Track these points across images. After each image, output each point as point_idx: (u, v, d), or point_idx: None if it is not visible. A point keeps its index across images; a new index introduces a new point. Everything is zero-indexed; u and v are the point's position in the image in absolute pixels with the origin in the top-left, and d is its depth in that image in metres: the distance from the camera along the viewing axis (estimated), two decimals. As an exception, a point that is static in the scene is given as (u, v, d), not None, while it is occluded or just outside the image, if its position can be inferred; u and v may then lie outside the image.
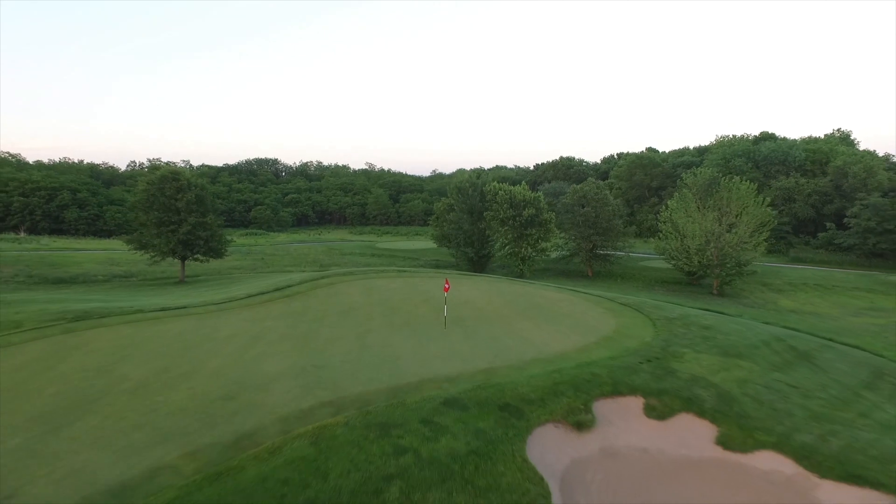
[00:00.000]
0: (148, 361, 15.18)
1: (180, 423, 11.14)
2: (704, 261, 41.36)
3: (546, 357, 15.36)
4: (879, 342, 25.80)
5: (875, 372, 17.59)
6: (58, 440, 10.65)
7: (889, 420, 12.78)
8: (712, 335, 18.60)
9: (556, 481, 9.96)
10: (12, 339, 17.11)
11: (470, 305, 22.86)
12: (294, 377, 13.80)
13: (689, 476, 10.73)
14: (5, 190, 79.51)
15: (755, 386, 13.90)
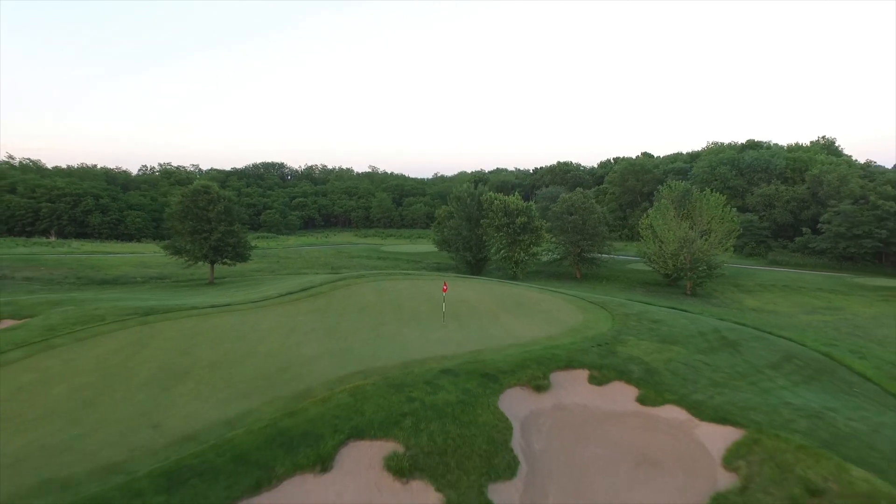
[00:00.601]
0: (214, 346, 19.59)
1: (253, 386, 15.54)
2: (678, 264, 45.58)
3: (521, 343, 19.73)
4: (812, 335, 30.05)
5: (785, 356, 21.90)
6: (170, 396, 15.08)
7: (769, 387, 17.12)
8: (658, 327, 22.93)
9: (518, 423, 14.31)
10: (101, 329, 21.56)
11: (465, 304, 27.23)
12: (328, 356, 18.18)
13: (614, 422, 15.07)
14: (32, 196, 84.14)
15: (677, 363, 18.24)
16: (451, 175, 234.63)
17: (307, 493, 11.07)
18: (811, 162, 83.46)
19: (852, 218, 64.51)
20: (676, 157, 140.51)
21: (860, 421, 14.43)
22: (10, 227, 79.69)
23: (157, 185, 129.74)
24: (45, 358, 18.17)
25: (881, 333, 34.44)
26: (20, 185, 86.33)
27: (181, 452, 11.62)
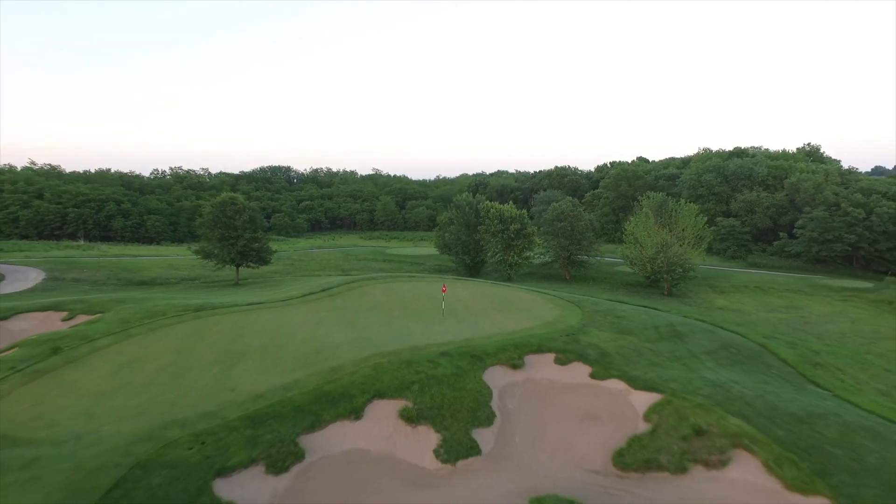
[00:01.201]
0: (259, 336, 24.27)
1: (297, 363, 20.23)
2: (656, 267, 50.10)
3: (504, 332, 24.42)
4: (760, 330, 34.59)
5: (723, 345, 26.51)
6: (235, 370, 19.79)
7: (696, 366, 21.77)
8: (619, 322, 27.60)
9: (497, 390, 18.99)
10: (164, 322, 26.27)
11: (461, 302, 31.91)
12: (351, 343, 22.86)
13: (570, 391, 19.74)
14: (59, 201, 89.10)
15: (626, 349, 22.90)
16: (453, 177, 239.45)
17: (345, 433, 15.83)
18: (791, 170, 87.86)
19: (824, 224, 68.95)
20: (669, 162, 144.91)
21: (753, 390, 19.07)
22: (39, 230, 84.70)
23: (171, 189, 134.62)
24: (129, 344, 22.90)
25: (826, 329, 38.93)
26: (46, 190, 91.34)
27: (256, 406, 16.36)
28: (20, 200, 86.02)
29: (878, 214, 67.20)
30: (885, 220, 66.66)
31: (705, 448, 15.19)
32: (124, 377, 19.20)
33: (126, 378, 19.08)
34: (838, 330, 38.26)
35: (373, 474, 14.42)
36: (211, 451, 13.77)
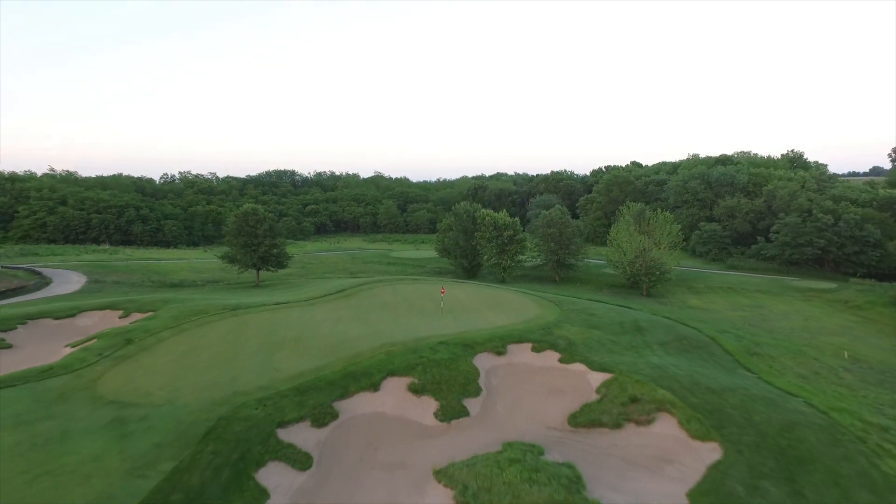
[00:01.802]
0: (290, 329, 29.15)
1: (324, 351, 25.10)
2: (635, 270, 54.92)
3: (491, 327, 29.31)
4: (718, 326, 39.36)
5: (677, 337, 31.37)
6: (276, 357, 24.65)
7: (647, 354, 26.63)
8: (590, 318, 32.48)
9: (484, 371, 23.88)
10: (208, 318, 31.17)
11: (457, 302, 36.82)
12: (367, 336, 27.72)
13: (542, 372, 24.61)
14: (82, 208, 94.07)
15: (591, 340, 27.78)
16: (454, 179, 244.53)
17: (367, 401, 20.73)
18: (770, 177, 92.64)
19: (796, 229, 73.72)
20: (661, 167, 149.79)
21: (686, 371, 23.95)
22: (65, 235, 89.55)
23: (183, 194, 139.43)
24: (185, 336, 27.82)
25: (780, 325, 43.68)
26: (69, 197, 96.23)
27: (298, 381, 21.25)
28: (46, 207, 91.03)
29: (845, 220, 71.92)
30: (851, 225, 71.38)
31: (637, 411, 20.09)
32: (188, 361, 24.13)
33: (190, 362, 24.01)
34: (790, 326, 43.06)
35: (388, 429, 19.33)
36: (271, 410, 18.68)
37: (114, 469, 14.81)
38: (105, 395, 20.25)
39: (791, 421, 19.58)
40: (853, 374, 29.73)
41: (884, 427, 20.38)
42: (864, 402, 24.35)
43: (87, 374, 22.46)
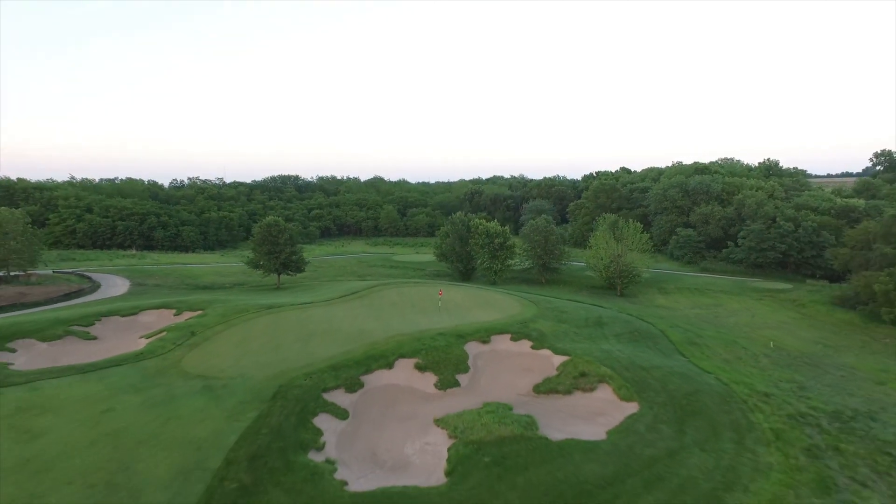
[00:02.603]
0: (318, 324, 35.90)
1: (348, 340, 31.89)
2: (611, 273, 61.72)
3: (479, 322, 36.14)
4: (672, 321, 46.15)
5: (631, 330, 38.23)
6: (310, 345, 31.44)
7: (601, 342, 33.48)
8: (560, 315, 39.33)
9: (472, 356, 30.73)
10: (249, 315, 37.85)
11: (453, 302, 43.61)
12: (380, 328, 34.50)
13: (518, 357, 31.45)
14: (107, 215, 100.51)
15: (558, 332, 34.63)
16: (452, 181, 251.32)
17: (384, 375, 27.54)
18: (741, 186, 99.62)
19: (761, 235, 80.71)
20: (647, 173, 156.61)
21: (628, 355, 30.79)
22: (93, 241, 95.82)
23: (195, 200, 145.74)
24: (234, 330, 34.51)
25: (728, 321, 50.42)
26: (94, 205, 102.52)
27: (331, 361, 28.00)
28: (74, 214, 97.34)
29: (804, 227, 78.93)
30: (809, 231, 78.37)
31: (584, 382, 26.93)
32: (243, 348, 30.88)
33: (245, 348, 30.76)
34: (736, 321, 49.89)
35: (401, 394, 26.13)
36: (315, 381, 25.45)
37: (216, 416, 21.58)
38: (190, 371, 26.99)
39: (696, 389, 26.49)
40: (769, 360, 36.55)
41: (767, 394, 27.36)
42: (765, 378, 31.20)
43: (171, 356, 29.20)
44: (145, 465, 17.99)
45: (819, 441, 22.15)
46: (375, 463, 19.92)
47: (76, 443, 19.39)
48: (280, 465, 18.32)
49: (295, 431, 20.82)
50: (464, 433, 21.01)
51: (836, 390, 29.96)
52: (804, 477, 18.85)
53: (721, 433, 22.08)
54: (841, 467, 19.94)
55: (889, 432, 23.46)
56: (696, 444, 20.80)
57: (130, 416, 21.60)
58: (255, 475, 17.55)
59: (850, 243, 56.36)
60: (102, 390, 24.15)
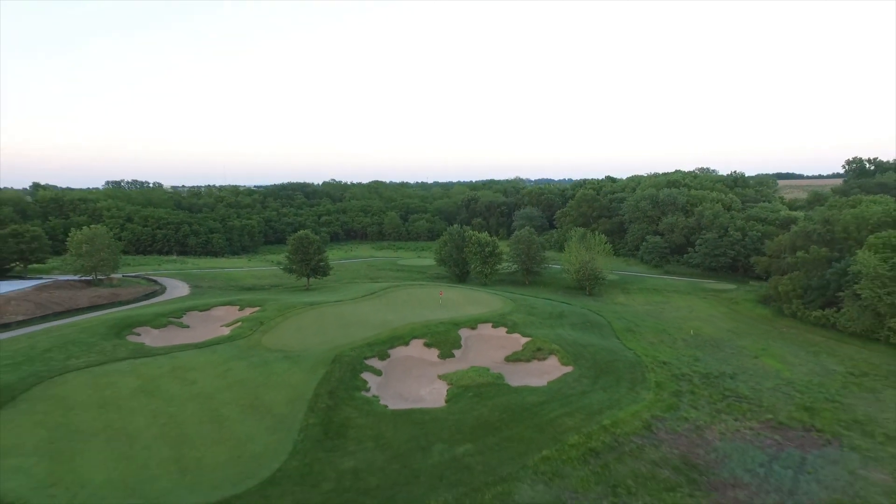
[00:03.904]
0: (351, 316, 47.74)
1: (377, 328, 43.74)
2: (580, 277, 73.54)
3: (470, 314, 48.02)
4: (620, 315, 57.89)
5: (583, 321, 50.12)
6: (348, 331, 43.32)
7: (558, 329, 45.38)
8: (531, 309, 51.19)
9: (464, 337, 42.63)
10: (299, 310, 49.64)
11: (450, 300, 55.43)
12: (398, 319, 46.35)
13: (496, 338, 43.30)
14: (146, 224, 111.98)
15: (528, 321, 46.51)
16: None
17: (403, 350, 39.52)
18: (703, 199, 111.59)
19: (714, 243, 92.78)
20: (628, 183, 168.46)
21: (575, 337, 42.64)
22: (136, 247, 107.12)
23: (216, 208, 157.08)
24: (290, 321, 46.22)
25: (669, 315, 62.08)
26: (134, 215, 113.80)
27: (366, 340, 39.79)
28: (118, 224, 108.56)
29: (750, 237, 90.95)
30: (754, 240, 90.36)
31: (539, 354, 38.80)
32: (301, 333, 42.64)
33: (302, 333, 42.53)
34: (675, 315, 61.68)
35: (415, 362, 37.96)
36: (358, 353, 37.24)
37: (299, 372, 33.34)
38: (270, 347, 38.76)
39: (615, 359, 38.42)
40: (685, 342, 48.36)
41: (666, 362, 39.25)
42: (672, 353, 43.02)
43: (252, 338, 40.95)
44: (267, 397, 29.79)
45: (684, 388, 34.03)
46: (402, 398, 31.75)
47: (219, 386, 31.17)
48: (346, 396, 30.14)
49: (351, 380, 32.63)
50: (457, 382, 32.86)
51: (719, 361, 41.86)
52: (661, 404, 30.72)
53: (621, 383, 33.94)
54: (689, 401, 31.81)
55: (735, 385, 35.42)
56: (602, 389, 32.69)
57: (244, 372, 33.37)
58: (333, 401, 29.36)
59: (769, 252, 68.35)
60: (218, 358, 35.93)
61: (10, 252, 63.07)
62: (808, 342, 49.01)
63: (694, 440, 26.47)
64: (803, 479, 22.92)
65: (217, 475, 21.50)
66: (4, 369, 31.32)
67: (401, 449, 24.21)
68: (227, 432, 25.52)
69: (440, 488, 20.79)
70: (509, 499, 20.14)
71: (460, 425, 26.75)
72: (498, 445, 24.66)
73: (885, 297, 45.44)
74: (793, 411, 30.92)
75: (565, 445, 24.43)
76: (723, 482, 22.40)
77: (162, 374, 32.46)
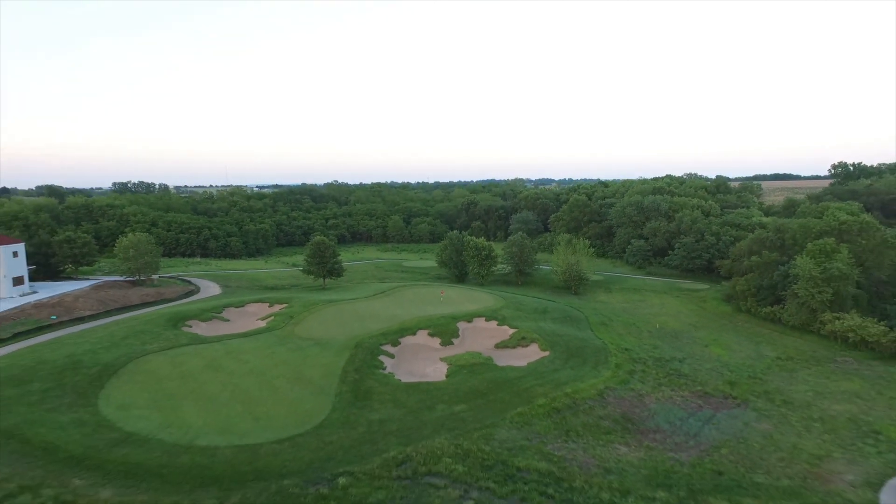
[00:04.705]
0: (366, 311, 55.77)
1: (388, 321, 51.74)
2: (566, 277, 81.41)
3: (467, 310, 55.99)
4: (597, 310, 65.74)
5: (564, 315, 58.09)
6: (364, 323, 51.26)
7: (540, 321, 53.35)
8: (519, 305, 59.17)
9: (462, 328, 50.62)
10: (321, 307, 57.67)
11: (450, 298, 63.40)
12: (406, 314, 54.34)
13: (489, 329, 51.25)
14: (170, 229, 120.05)
15: (515, 315, 54.47)
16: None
17: (411, 338, 47.62)
18: (683, 205, 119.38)
19: (690, 247, 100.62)
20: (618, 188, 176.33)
21: (554, 328, 50.58)
22: (162, 251, 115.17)
23: (230, 212, 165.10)
24: (314, 315, 54.19)
25: (641, 311, 69.83)
26: (158, 220, 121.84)
27: (381, 331, 47.76)
28: (144, 228, 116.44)
29: (723, 241, 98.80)
30: (727, 244, 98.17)
31: (523, 342, 46.77)
32: (325, 325, 50.62)
33: (326, 325, 50.52)
34: (647, 311, 69.50)
35: (421, 347, 45.96)
36: (375, 341, 45.23)
37: (329, 354, 41.32)
38: (302, 336, 46.72)
39: (585, 345, 46.40)
40: (650, 334, 56.20)
41: (628, 349, 47.20)
42: (636, 342, 50.88)
43: (286, 329, 48.90)
44: (307, 372, 37.76)
45: (638, 369, 41.97)
46: (411, 374, 39.73)
47: (267, 364, 39.13)
48: (368, 373, 38.11)
49: (370, 361, 40.60)
50: (455, 362, 40.84)
51: (674, 349, 49.77)
52: (615, 379, 38.63)
53: (586, 364, 41.88)
54: (639, 378, 39.75)
55: (680, 366, 43.36)
56: (570, 368, 40.64)
57: (285, 355, 41.35)
58: (359, 375, 37.33)
59: (732, 256, 76.24)
60: (262, 344, 43.91)
61: (65, 256, 70.98)
62: (756, 334, 56.89)
63: (635, 403, 34.45)
64: (707, 428, 30.88)
65: (281, 422, 29.48)
66: (100, 351, 39.34)
67: (413, 407, 32.19)
68: (281, 396, 33.50)
69: (442, 431, 28.71)
70: (492, 438, 28.05)
71: (457, 392, 34.73)
72: (485, 405, 32.63)
73: (817, 295, 53.33)
74: (719, 385, 38.89)
75: (535, 405, 32.39)
76: (648, 429, 30.37)
77: (220, 356, 40.43)
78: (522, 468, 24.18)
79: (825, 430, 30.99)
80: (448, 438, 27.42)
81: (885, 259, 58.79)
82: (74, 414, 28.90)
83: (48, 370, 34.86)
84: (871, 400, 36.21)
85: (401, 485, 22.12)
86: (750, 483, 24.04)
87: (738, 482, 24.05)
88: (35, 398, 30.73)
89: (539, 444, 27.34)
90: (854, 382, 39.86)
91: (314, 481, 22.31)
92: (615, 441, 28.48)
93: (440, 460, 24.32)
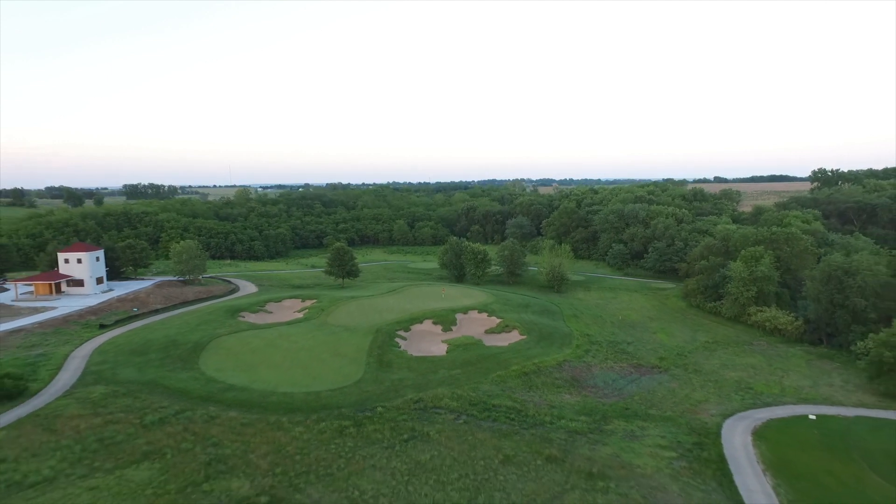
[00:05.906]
0: (382, 305, 67.80)
1: (402, 313, 63.68)
2: (550, 277, 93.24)
3: (463, 304, 67.96)
4: (572, 305, 77.54)
5: (543, 309, 70.07)
6: (383, 315, 63.34)
7: (522, 314, 65.33)
8: (507, 300, 71.11)
9: (459, 318, 62.58)
10: (345, 303, 69.71)
11: (449, 295, 75.35)
12: (414, 307, 66.34)
13: (481, 319, 63.22)
14: (200, 234, 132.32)
15: (503, 308, 66.39)
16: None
17: (420, 326, 59.69)
18: (658, 213, 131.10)
19: (662, 251, 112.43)
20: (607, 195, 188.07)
21: (532, 318, 62.46)
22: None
23: (248, 217, 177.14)
24: (340, 308, 66.16)
25: (610, 306, 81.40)
26: (189, 226, 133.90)
27: (395, 320, 59.71)
28: (178, 234, 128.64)
29: (690, 245, 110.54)
30: (692, 248, 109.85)
31: (507, 329, 58.73)
32: (351, 315, 62.61)
33: (352, 316, 62.51)
34: (615, 307, 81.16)
35: (426, 332, 57.95)
36: (391, 327, 57.17)
37: (357, 337, 53.27)
38: (334, 324, 58.67)
39: (555, 332, 58.39)
40: (612, 324, 67.90)
41: (590, 335, 59.17)
42: (599, 331, 62.64)
43: (320, 319, 60.87)
44: (342, 349, 49.72)
45: (593, 349, 53.75)
46: (420, 351, 51.65)
47: (312, 343, 51.05)
48: (388, 349, 50.05)
49: (389, 342, 52.53)
50: (453, 343, 52.79)
51: (627, 335, 61.55)
52: (572, 355, 50.48)
53: (553, 345, 53.74)
54: (592, 354, 51.60)
55: (627, 347, 55.20)
56: (540, 347, 52.53)
57: (324, 337, 53.31)
58: (381, 351, 49.25)
59: (689, 260, 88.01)
60: (304, 330, 55.89)
61: (127, 259, 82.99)
62: (698, 324, 68.68)
63: (583, 370, 46.36)
64: (631, 386, 42.78)
65: (331, 379, 41.42)
66: (187, 333, 51.37)
67: (422, 371, 44.12)
68: (327, 364, 45.46)
69: (443, 386, 40.57)
70: (478, 389, 39.91)
71: (454, 362, 46.66)
72: (474, 371, 44.54)
73: (745, 292, 65.09)
74: (651, 359, 50.75)
75: (510, 370, 44.27)
76: (588, 386, 42.28)
77: (275, 338, 52.41)
78: (496, 405, 36.12)
79: (715, 387, 42.85)
80: (447, 389, 39.34)
81: (807, 263, 70.52)
82: (188, 373, 40.96)
83: (157, 345, 46.93)
84: (761, 370, 48.04)
85: (416, 413, 34.10)
86: (645, 414, 35.95)
87: (637, 413, 35.97)
88: (156, 363, 42.79)
89: (509, 393, 39.28)
90: (755, 358, 51.69)
91: (361, 409, 34.32)
92: (563, 392, 40.41)
93: (442, 400, 36.29)
